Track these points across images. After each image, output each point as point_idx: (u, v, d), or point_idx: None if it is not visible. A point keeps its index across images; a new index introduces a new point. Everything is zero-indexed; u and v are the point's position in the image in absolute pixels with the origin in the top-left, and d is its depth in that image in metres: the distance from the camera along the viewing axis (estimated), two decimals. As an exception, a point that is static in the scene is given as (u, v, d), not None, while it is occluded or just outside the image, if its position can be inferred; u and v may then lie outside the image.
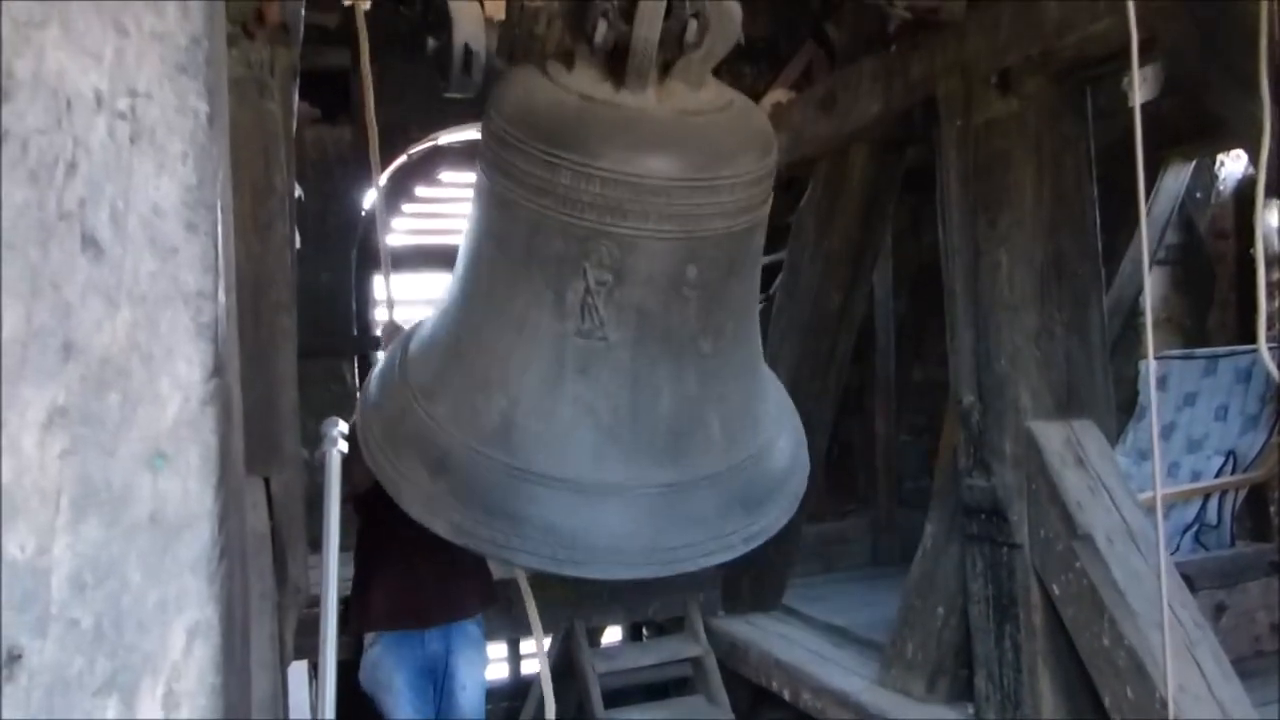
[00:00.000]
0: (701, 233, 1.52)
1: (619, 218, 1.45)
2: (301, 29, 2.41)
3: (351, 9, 2.26)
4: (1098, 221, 2.86)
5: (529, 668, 4.90)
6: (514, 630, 4.23)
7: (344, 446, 1.28)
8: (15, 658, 0.66)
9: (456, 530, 1.46)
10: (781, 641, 3.95)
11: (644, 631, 4.88)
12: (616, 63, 1.48)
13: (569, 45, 1.61)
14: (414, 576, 3.23)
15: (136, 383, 0.77)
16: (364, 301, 5.45)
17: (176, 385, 0.77)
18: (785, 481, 1.71)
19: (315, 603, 2.27)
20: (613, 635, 5.01)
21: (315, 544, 2.26)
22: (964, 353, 2.99)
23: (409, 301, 5.55)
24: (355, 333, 5.35)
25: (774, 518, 1.64)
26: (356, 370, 5.23)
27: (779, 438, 1.74)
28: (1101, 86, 2.97)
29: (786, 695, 3.69)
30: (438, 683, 3.45)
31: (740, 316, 1.67)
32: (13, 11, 0.89)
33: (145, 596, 0.69)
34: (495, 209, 1.57)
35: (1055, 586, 2.69)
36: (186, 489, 0.73)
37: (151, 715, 0.66)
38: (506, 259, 1.54)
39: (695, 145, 1.52)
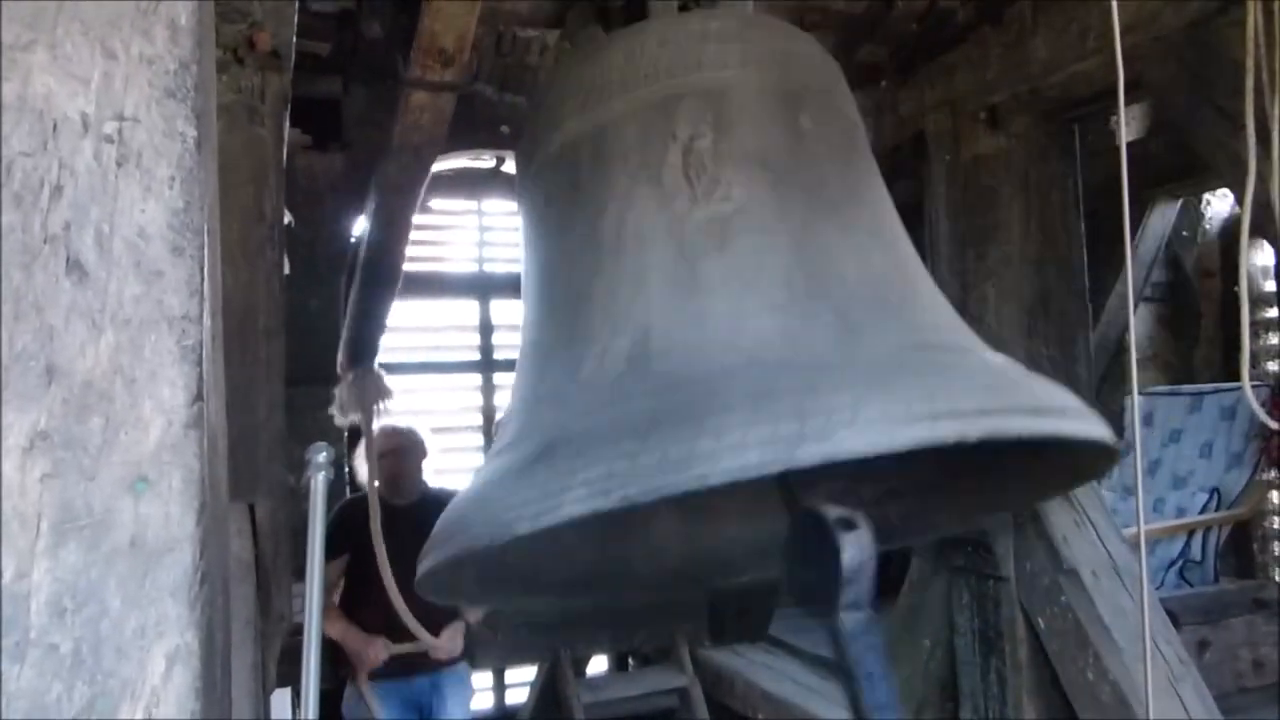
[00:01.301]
0: (796, 81, 1.29)
1: (694, 70, 1.23)
2: (293, 56, 2.42)
3: (344, 36, 2.29)
4: (1085, 258, 2.89)
5: (514, 697, 4.84)
6: (499, 660, 4.19)
7: (329, 473, 1.27)
8: (-9, 684, 0.65)
9: (601, 488, 0.95)
10: (768, 672, 3.93)
11: (630, 661, 4.83)
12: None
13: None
14: (395, 629, 3.21)
15: (119, 406, 0.77)
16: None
17: (160, 409, 0.77)
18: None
19: (298, 631, 2.25)
20: (598, 665, 4.96)
21: (299, 572, 2.24)
22: (951, 385, 3.00)
23: (399, 328, 5.55)
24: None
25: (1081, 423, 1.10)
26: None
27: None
28: (1090, 125, 3.01)
29: (772, 728, 3.66)
30: (423, 717, 3.41)
31: (891, 208, 1.35)
32: (-1, 34, 0.89)
33: (125, 622, 0.68)
34: (551, 173, 1.34)
35: (1041, 620, 2.69)
36: (168, 514, 0.72)
37: (127, 743, 0.65)
38: (575, 199, 1.27)
39: (750, 14, 1.36)
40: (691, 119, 1.21)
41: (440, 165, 5.78)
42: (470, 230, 5.59)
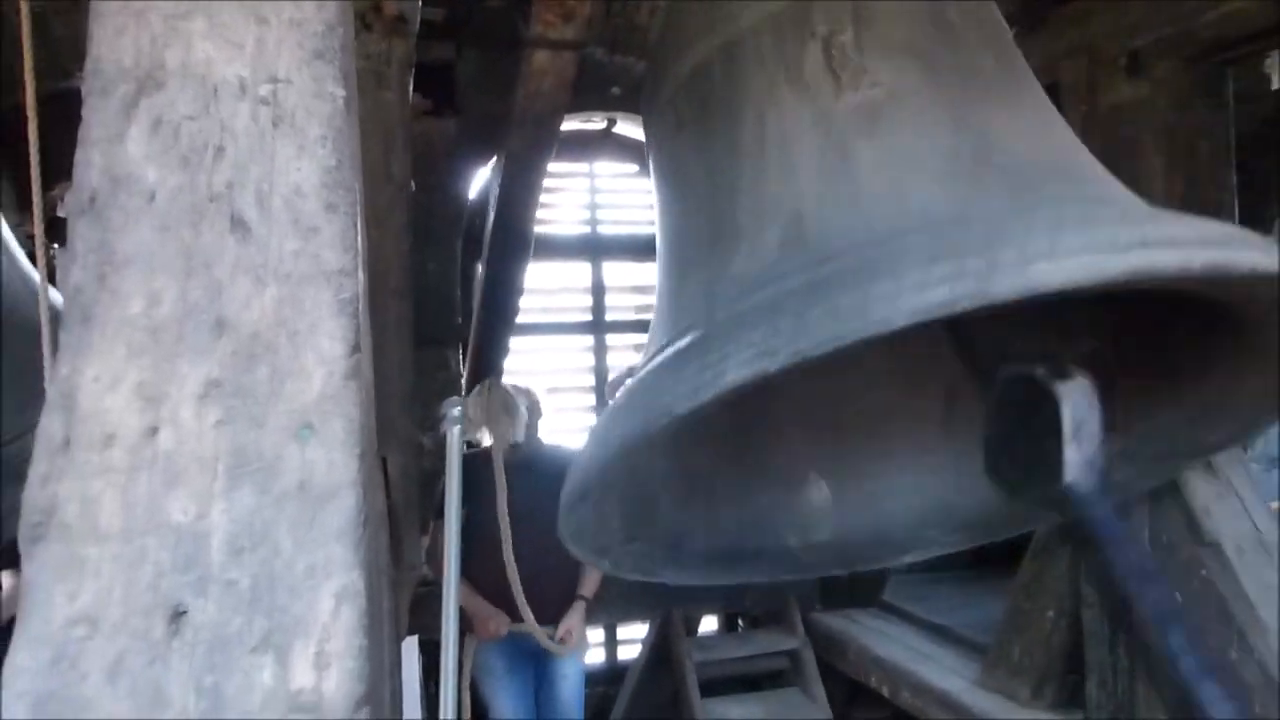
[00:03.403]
0: None
1: None
2: (418, 21, 2.46)
3: (458, 2, 2.32)
4: (1236, 213, 2.70)
5: (626, 653, 4.93)
6: (611, 616, 4.26)
7: (464, 426, 1.31)
8: (181, 614, 0.69)
9: (769, 348, 0.85)
10: (880, 638, 3.88)
11: (739, 622, 4.86)
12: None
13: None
14: (507, 582, 3.29)
15: (283, 357, 0.80)
16: (468, 291, 5.56)
17: (320, 360, 0.80)
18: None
19: (424, 582, 2.34)
20: (708, 625, 5.00)
21: (424, 525, 2.32)
22: (1082, 348, 2.87)
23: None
24: (460, 321, 5.46)
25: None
26: (461, 358, 5.35)
27: None
28: (1242, 68, 2.80)
29: (885, 692, 3.62)
30: (538, 669, 3.50)
31: (1047, 99, 1.29)
32: (161, 6, 0.93)
33: (295, 561, 0.72)
34: (681, 96, 1.31)
35: (1178, 594, 2.56)
36: (331, 459, 0.75)
37: (305, 674, 0.69)
38: (709, 111, 1.23)
39: None
40: (828, 15, 1.16)
41: (553, 127, 5.82)
42: (582, 193, 5.62)
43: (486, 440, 3.50)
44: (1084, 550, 2.91)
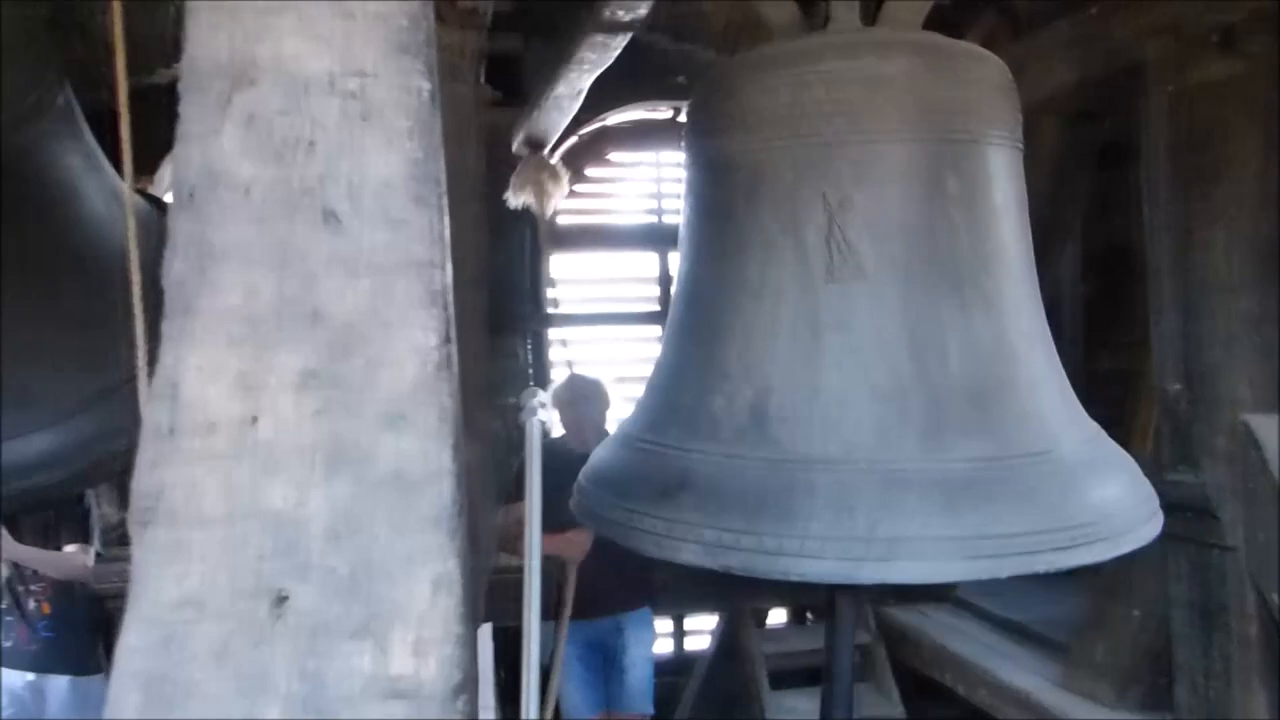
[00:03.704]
0: (953, 136, 1.33)
1: (853, 124, 1.30)
2: (490, 13, 2.48)
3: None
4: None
5: (694, 644, 4.93)
6: (679, 607, 4.26)
7: (544, 416, 1.32)
8: (283, 599, 0.71)
9: (711, 551, 1.24)
10: (955, 634, 3.80)
11: (808, 615, 4.82)
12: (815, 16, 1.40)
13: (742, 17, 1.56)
14: (577, 575, 3.28)
15: (377, 348, 0.81)
16: (536, 280, 5.60)
17: (413, 350, 0.81)
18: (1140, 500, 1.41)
19: (499, 570, 2.36)
20: (777, 617, 4.97)
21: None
22: (1169, 338, 2.77)
23: (575, 281, 5.68)
24: (528, 310, 5.51)
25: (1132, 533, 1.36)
26: (529, 347, 5.40)
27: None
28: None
29: (960, 690, 3.55)
30: (608, 658, 3.52)
31: (1023, 260, 1.42)
32: (253, 4, 0.95)
33: (392, 549, 0.73)
34: (710, 179, 1.45)
35: (1277, 595, 2.46)
36: (425, 449, 0.76)
37: (404, 660, 0.70)
38: (729, 223, 1.40)
39: (928, 45, 1.37)
40: (844, 181, 1.29)
41: (618, 118, 5.82)
42: (647, 183, 5.62)
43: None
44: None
